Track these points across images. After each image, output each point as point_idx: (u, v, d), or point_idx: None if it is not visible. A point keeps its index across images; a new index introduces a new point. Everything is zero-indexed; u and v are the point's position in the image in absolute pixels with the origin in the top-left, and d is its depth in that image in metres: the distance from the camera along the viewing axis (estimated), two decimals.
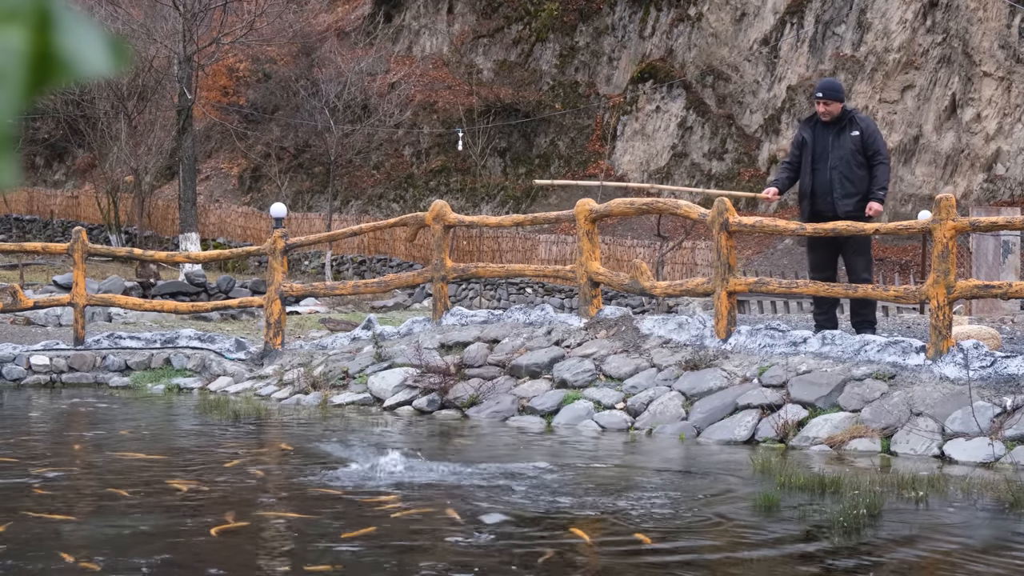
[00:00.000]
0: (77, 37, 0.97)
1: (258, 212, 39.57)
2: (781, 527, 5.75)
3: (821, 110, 10.12)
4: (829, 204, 10.04)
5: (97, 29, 0.99)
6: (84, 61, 0.97)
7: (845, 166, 10.04)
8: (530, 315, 11.59)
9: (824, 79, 10.83)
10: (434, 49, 43.57)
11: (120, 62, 1.00)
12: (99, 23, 32.27)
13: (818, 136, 10.17)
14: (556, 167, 39.44)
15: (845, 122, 10.11)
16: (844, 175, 10.03)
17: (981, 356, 8.53)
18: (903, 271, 27.14)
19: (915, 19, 33.81)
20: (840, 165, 10.02)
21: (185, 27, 30.79)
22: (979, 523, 5.82)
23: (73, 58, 0.97)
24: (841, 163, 10.03)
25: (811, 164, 10.15)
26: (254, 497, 6.50)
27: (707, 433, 8.75)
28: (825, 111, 10.09)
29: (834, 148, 10.04)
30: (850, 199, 10.02)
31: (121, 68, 1.02)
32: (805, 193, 10.24)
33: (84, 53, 0.97)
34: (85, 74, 0.97)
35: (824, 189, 10.08)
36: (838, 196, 10.02)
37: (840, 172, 10.00)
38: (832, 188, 10.04)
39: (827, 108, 10.08)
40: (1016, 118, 32.03)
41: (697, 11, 38.75)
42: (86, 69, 0.98)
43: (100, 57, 0.98)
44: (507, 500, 6.30)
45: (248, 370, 12.64)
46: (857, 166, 10.10)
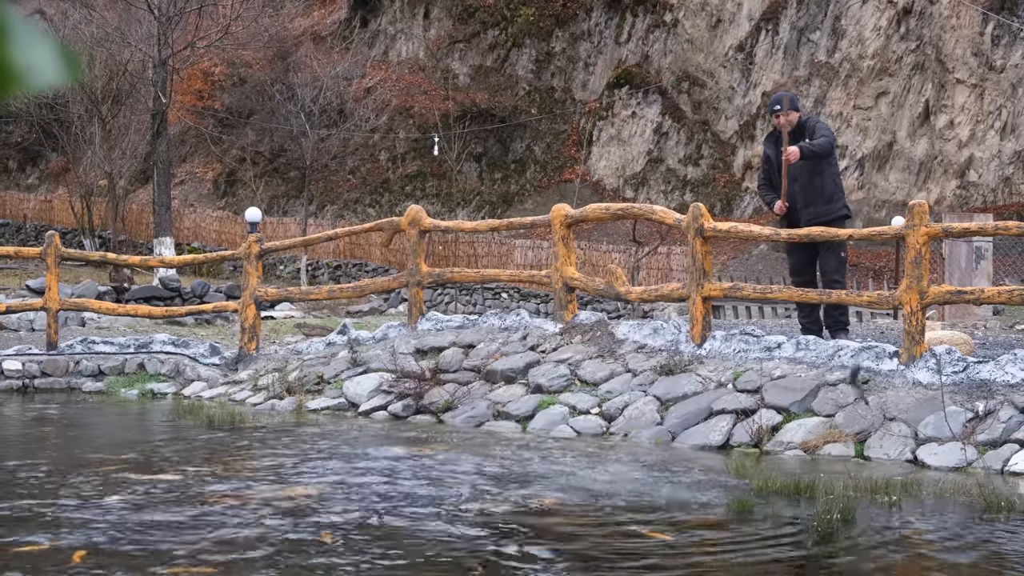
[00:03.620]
0: (29, 49, 0.97)
1: (233, 216, 39.45)
2: (755, 531, 5.77)
3: (780, 122, 10.26)
4: (797, 215, 10.22)
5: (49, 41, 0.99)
6: (36, 72, 0.97)
7: (805, 176, 10.20)
8: (505, 320, 11.59)
9: (778, 93, 10.94)
10: (410, 54, 43.55)
11: (71, 74, 1.00)
12: (74, 27, 32.15)
13: (775, 151, 10.32)
14: (532, 172, 39.47)
15: (805, 132, 10.25)
16: (803, 185, 10.22)
17: (954, 361, 8.57)
18: (877, 276, 27.26)
19: (889, 26, 33.99)
20: (800, 176, 10.15)
21: (160, 31, 30.67)
22: (952, 527, 5.85)
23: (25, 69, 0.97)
24: (801, 174, 10.17)
25: (776, 179, 10.28)
26: None
27: (682, 438, 8.76)
28: (785, 122, 10.23)
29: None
30: (811, 207, 10.20)
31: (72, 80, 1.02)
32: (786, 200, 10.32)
33: (36, 64, 0.97)
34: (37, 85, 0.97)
35: (792, 202, 10.27)
36: (800, 207, 10.22)
37: (800, 183, 10.16)
38: (796, 200, 10.23)
39: (786, 119, 10.23)
40: (989, 125, 32.24)
41: (673, 17, 38.85)
42: (38, 80, 0.98)
43: (52, 68, 0.98)
44: (468, 494, 6.30)
45: (222, 375, 12.60)
46: (815, 174, 10.24)
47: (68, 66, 1.00)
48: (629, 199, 37.22)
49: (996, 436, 7.71)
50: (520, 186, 39.32)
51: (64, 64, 1.00)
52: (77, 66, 1.02)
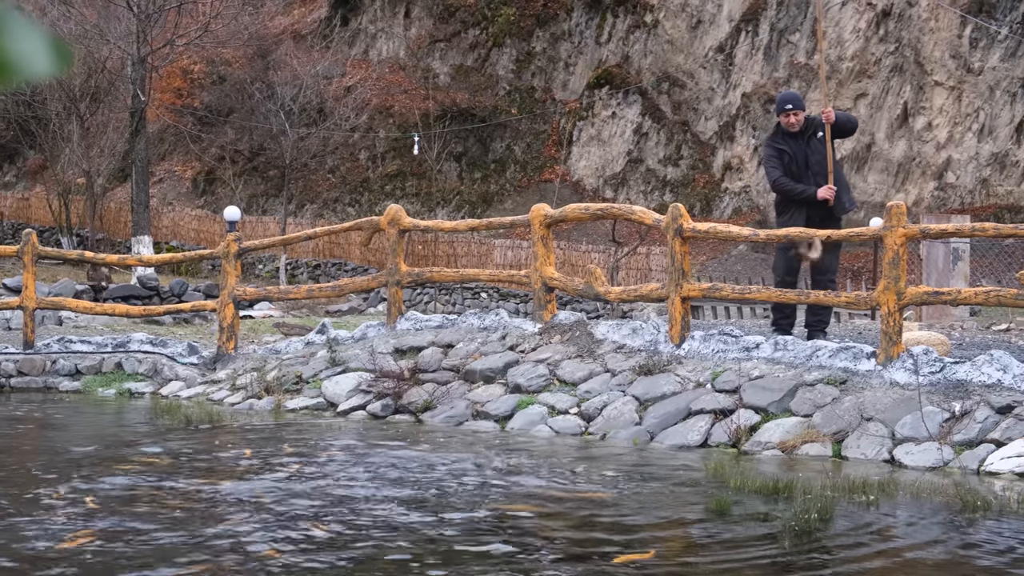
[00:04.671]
0: (21, 40, 0.96)
1: (212, 215, 39.34)
2: (733, 531, 5.78)
3: (791, 121, 10.32)
4: (821, 209, 10.23)
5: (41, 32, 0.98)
6: (28, 63, 0.97)
7: (826, 168, 10.31)
8: (485, 320, 11.59)
9: (786, 92, 11.01)
10: (391, 53, 43.51)
11: (63, 65, 0.99)
12: (52, 23, 32.01)
13: (792, 148, 10.34)
14: (512, 172, 39.48)
15: (810, 129, 10.35)
16: (838, 175, 10.36)
17: (931, 362, 8.62)
18: (855, 277, 27.36)
19: (868, 28, 34.12)
20: (822, 169, 10.30)
21: (139, 28, 30.55)
22: (929, 527, 5.87)
23: (17, 60, 0.96)
24: (822, 166, 10.30)
25: (796, 175, 10.30)
26: None
27: (660, 438, 8.78)
28: (795, 121, 10.31)
29: (811, 155, 10.28)
30: (844, 194, 10.37)
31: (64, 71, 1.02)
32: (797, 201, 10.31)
33: (28, 56, 0.97)
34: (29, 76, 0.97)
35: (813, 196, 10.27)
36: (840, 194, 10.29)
37: (823, 177, 10.21)
38: None
39: (796, 119, 10.31)
40: (967, 127, 32.39)
41: (653, 18, 38.91)
42: (30, 71, 0.97)
43: (44, 60, 0.97)
44: (451, 503, 6.30)
45: (201, 374, 12.56)
46: (836, 164, 10.46)
47: (60, 57, 1.00)
48: (609, 199, 37.26)
49: (972, 436, 7.75)
50: (500, 186, 39.32)
51: (56, 55, 1.00)
52: (69, 58, 1.02)
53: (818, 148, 10.35)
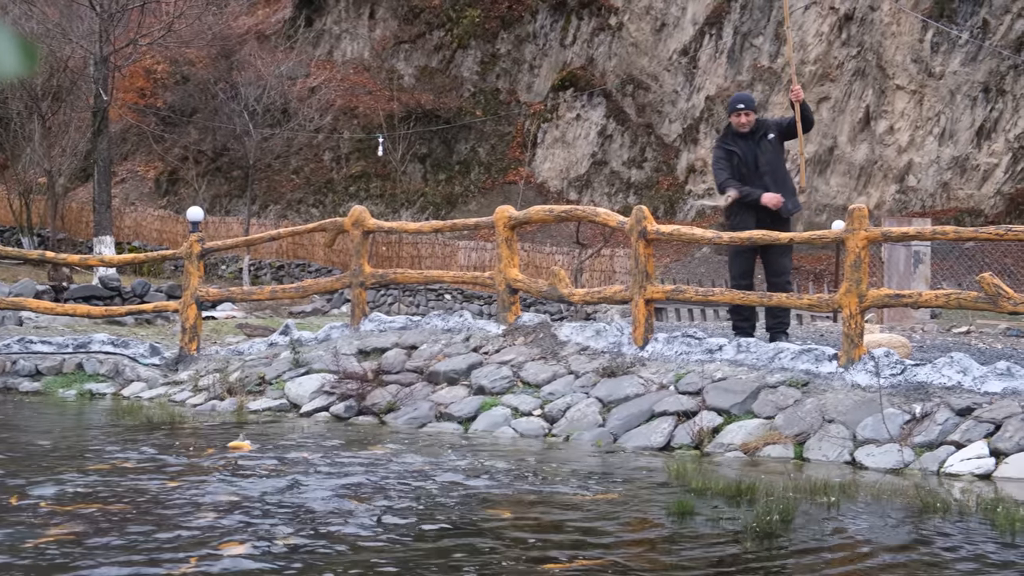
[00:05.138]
0: None
1: (175, 216, 39.13)
2: (695, 533, 5.80)
3: (742, 121, 10.39)
4: (770, 210, 10.32)
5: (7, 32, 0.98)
6: None
7: (775, 170, 10.46)
8: (448, 321, 11.58)
9: (739, 93, 11.09)
10: (355, 54, 43.41)
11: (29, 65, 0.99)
12: (13, 22, 31.75)
13: (742, 149, 10.39)
14: (476, 174, 39.48)
15: (760, 131, 10.42)
16: (777, 179, 10.43)
17: (892, 364, 8.68)
18: (817, 280, 27.52)
19: (831, 32, 34.33)
20: (771, 170, 10.40)
21: (102, 27, 30.33)
22: (889, 528, 5.91)
23: None
24: (771, 168, 10.42)
25: (746, 177, 10.36)
26: None
27: (624, 440, 8.80)
28: (745, 122, 10.37)
29: (760, 156, 10.33)
30: (791, 197, 10.46)
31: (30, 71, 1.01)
32: (746, 204, 10.37)
33: None
34: None
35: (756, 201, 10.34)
36: (784, 197, 10.37)
37: (772, 177, 10.34)
38: (771, 192, 10.36)
39: (747, 119, 10.37)
40: (927, 131, 32.65)
41: (618, 21, 39.00)
42: None
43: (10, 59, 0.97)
44: (411, 506, 6.29)
45: (163, 375, 12.49)
46: (782, 166, 10.59)
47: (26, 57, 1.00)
48: (573, 201, 37.32)
49: (932, 438, 7.81)
50: (464, 187, 39.31)
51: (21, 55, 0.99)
52: (35, 57, 1.01)
53: (768, 149, 10.45)
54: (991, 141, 31.73)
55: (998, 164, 31.50)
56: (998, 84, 31.67)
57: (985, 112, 31.82)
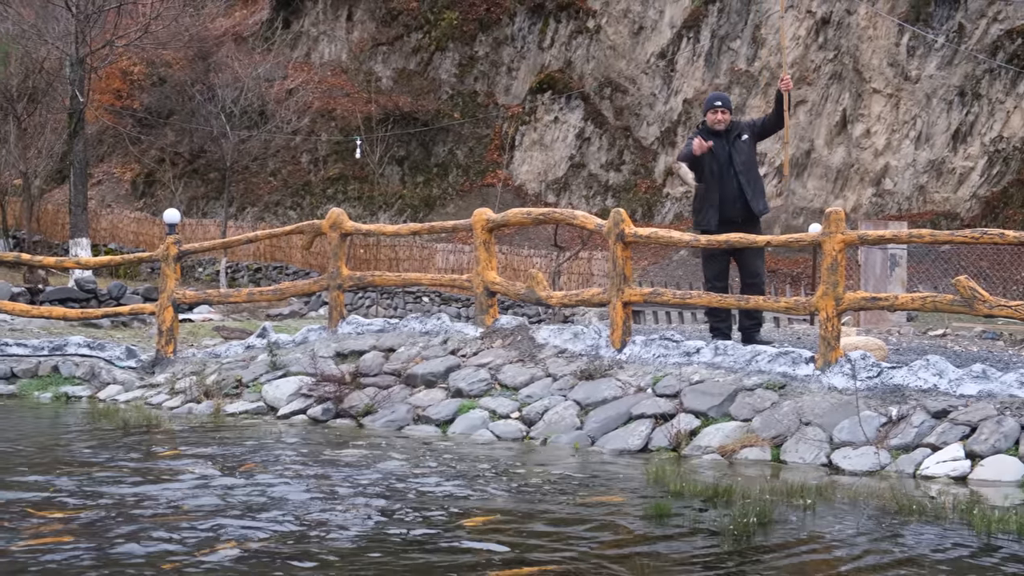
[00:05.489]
0: None
1: (151, 218, 38.97)
2: (673, 535, 5.81)
3: (718, 118, 10.45)
4: (739, 209, 10.41)
5: None
6: None
7: (749, 170, 10.54)
8: (426, 324, 11.57)
9: (715, 92, 11.14)
10: (333, 56, 43.34)
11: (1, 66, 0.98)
12: None
13: (716, 147, 10.43)
14: (454, 176, 39.47)
15: (735, 131, 10.49)
16: (750, 179, 10.49)
17: (868, 367, 8.71)
18: (794, 283, 27.61)
19: (808, 36, 34.46)
20: (745, 170, 10.49)
21: (78, 28, 30.20)
22: (865, 530, 5.93)
23: None
24: (745, 168, 10.51)
25: (717, 174, 10.40)
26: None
27: (601, 442, 8.80)
28: (722, 119, 10.44)
29: (734, 155, 10.39)
30: (762, 198, 10.53)
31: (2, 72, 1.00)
32: (712, 202, 10.43)
33: None
34: None
35: (733, 195, 10.44)
36: (751, 198, 10.45)
37: (746, 176, 10.43)
38: (743, 192, 10.43)
39: (723, 116, 10.44)
40: (904, 134, 32.80)
41: (596, 23, 39.06)
42: None
43: None
44: (386, 510, 6.28)
45: (139, 378, 12.44)
46: (755, 167, 10.66)
47: None
48: (551, 204, 37.35)
49: (909, 440, 7.84)
50: (442, 190, 39.29)
51: None
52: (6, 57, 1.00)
53: (743, 150, 10.52)
54: (967, 145, 31.89)
55: (974, 167, 31.66)
56: (974, 88, 31.85)
57: (961, 116, 31.99)
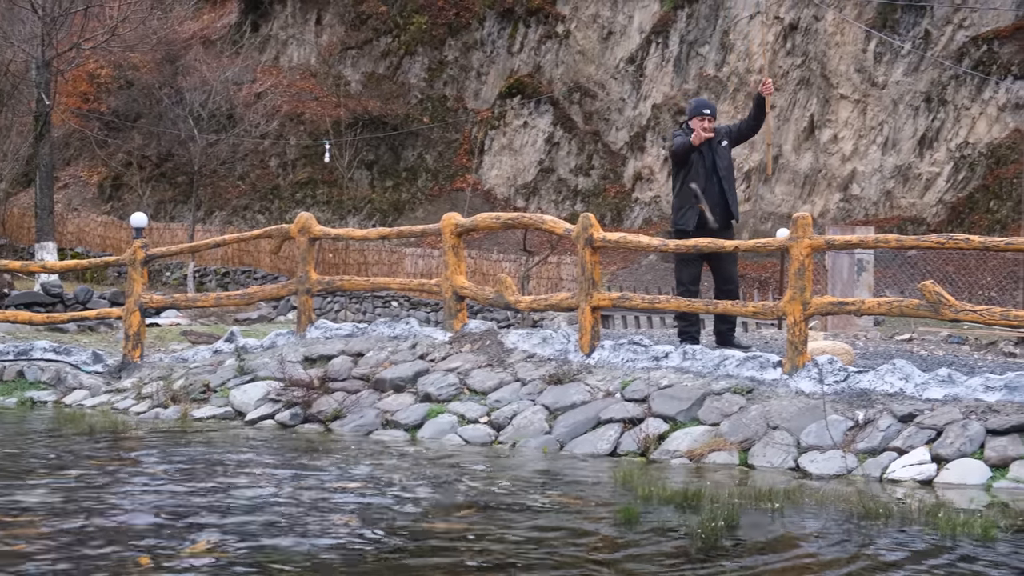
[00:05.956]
0: None
1: (118, 221, 38.75)
2: (641, 539, 5.82)
3: (707, 126, 10.48)
4: (719, 213, 10.51)
5: None
6: None
7: (729, 175, 10.68)
8: (395, 329, 11.55)
9: (701, 98, 11.16)
10: (302, 60, 43.23)
11: None
12: None
13: (701, 151, 10.51)
14: (423, 181, 39.42)
15: (716, 137, 10.56)
16: (730, 184, 10.61)
17: (835, 371, 8.75)
18: (762, 287, 27.72)
19: (776, 41, 34.61)
20: (727, 175, 10.63)
21: (44, 31, 30.00)
22: (832, 534, 5.96)
23: None
24: (727, 172, 10.65)
25: (702, 177, 10.47)
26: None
27: (570, 447, 8.81)
28: (709, 127, 10.49)
29: (717, 160, 10.51)
30: (733, 206, 10.64)
31: None
32: (692, 204, 10.47)
33: None
34: None
35: (715, 199, 10.52)
36: (731, 202, 10.57)
37: (728, 182, 10.55)
38: (724, 196, 10.54)
39: (710, 125, 10.52)
40: (871, 140, 33.00)
41: (565, 28, 39.12)
42: None
43: None
44: (352, 514, 6.27)
45: (105, 383, 12.36)
46: (733, 171, 10.81)
47: None
48: (520, 208, 37.36)
49: (875, 444, 7.89)
50: (411, 194, 39.24)
51: None
52: None
53: (725, 156, 10.62)
54: (933, 150, 32.12)
55: (940, 173, 31.89)
56: (940, 94, 32.08)
57: (927, 122, 32.21)
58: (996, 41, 31.46)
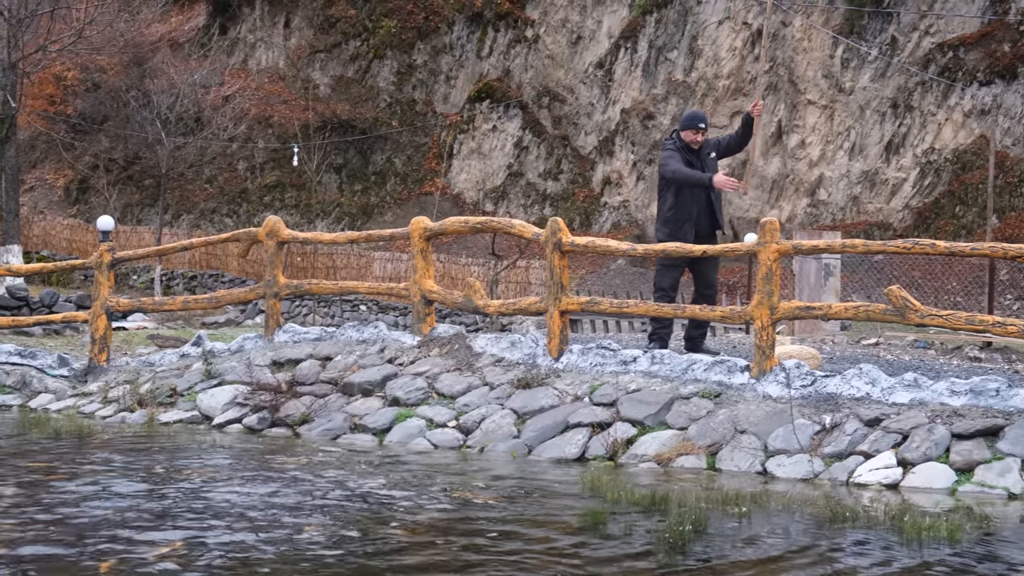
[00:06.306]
0: None
1: (85, 225, 38.52)
2: (608, 543, 5.82)
3: (699, 139, 10.55)
4: (707, 224, 10.60)
5: None
6: None
7: None
8: (363, 332, 11.53)
9: (696, 111, 11.19)
10: (270, 63, 43.10)
11: None
12: None
13: (692, 163, 10.58)
14: (392, 185, 39.36)
15: (705, 148, 10.63)
16: (717, 194, 10.65)
17: (802, 375, 8.79)
18: (730, 292, 27.81)
19: (744, 47, 34.77)
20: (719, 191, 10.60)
21: (10, 33, 29.79)
22: (799, 538, 5.98)
23: None
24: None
25: (692, 190, 10.50)
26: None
27: (538, 451, 8.81)
28: (701, 140, 10.55)
29: (706, 171, 10.58)
30: (720, 216, 10.73)
31: None
32: (690, 216, 10.49)
33: None
34: None
35: (703, 210, 10.56)
36: (717, 211, 10.64)
37: (715, 192, 10.57)
38: (713, 208, 10.60)
39: (703, 138, 10.57)
40: (838, 145, 33.18)
41: (534, 33, 39.16)
42: None
43: None
44: (318, 519, 6.25)
45: (71, 387, 12.28)
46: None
47: None
48: (489, 212, 37.36)
49: (842, 448, 7.93)
50: (380, 198, 39.18)
51: None
52: None
53: (712, 167, 10.68)
54: (899, 156, 32.32)
55: (906, 178, 32.09)
56: (906, 100, 32.29)
57: (894, 127, 32.41)
58: (962, 48, 31.70)
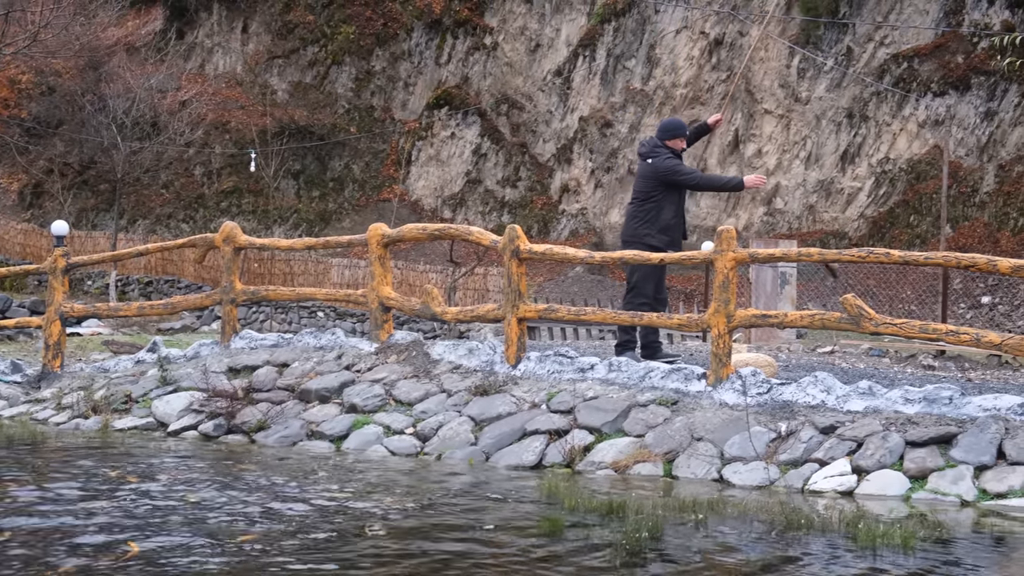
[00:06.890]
0: None
1: (39, 229, 38.18)
2: (565, 551, 5.83)
3: (683, 146, 10.76)
4: (681, 233, 10.78)
5: None
6: None
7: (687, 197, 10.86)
8: (321, 339, 11.49)
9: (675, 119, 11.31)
10: (227, 68, 42.89)
11: None
12: None
13: None
14: (350, 191, 39.27)
15: None
16: (686, 206, 10.86)
17: (758, 383, 8.84)
18: (688, 300, 27.92)
19: (701, 56, 34.95)
20: (689, 194, 10.83)
21: None
22: (755, 545, 6.01)
23: None
24: (688, 195, 10.79)
25: (673, 196, 10.62)
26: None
27: (496, 458, 8.81)
28: (684, 146, 10.71)
29: None
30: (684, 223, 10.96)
31: None
32: (671, 224, 10.60)
33: None
34: None
35: (678, 216, 10.71)
36: (684, 220, 10.86)
37: (685, 204, 10.74)
38: (682, 214, 10.81)
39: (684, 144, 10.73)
40: (794, 154, 33.41)
41: (493, 40, 39.19)
42: None
43: None
44: (301, 519, 6.23)
45: (24, 393, 12.16)
46: None
47: None
48: (447, 219, 37.34)
49: (797, 456, 7.98)
50: (338, 204, 39.07)
51: None
52: None
53: None
54: (855, 165, 32.59)
55: (861, 188, 32.36)
56: (861, 110, 32.56)
57: (849, 137, 32.68)
58: (916, 58, 32.01)
